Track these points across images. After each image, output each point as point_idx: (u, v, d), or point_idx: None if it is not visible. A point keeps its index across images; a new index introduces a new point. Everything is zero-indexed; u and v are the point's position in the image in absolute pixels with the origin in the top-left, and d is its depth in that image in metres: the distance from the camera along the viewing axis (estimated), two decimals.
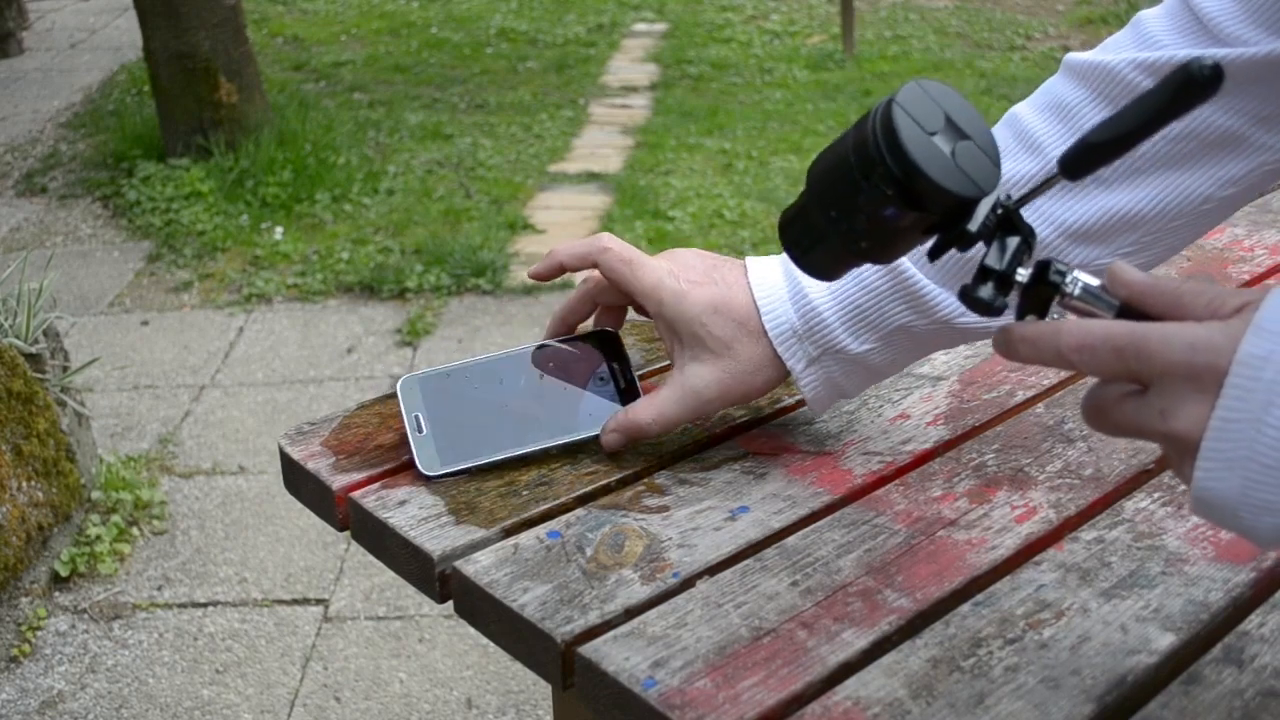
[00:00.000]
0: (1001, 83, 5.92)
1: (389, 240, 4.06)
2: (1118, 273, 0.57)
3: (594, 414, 0.84)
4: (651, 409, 0.81)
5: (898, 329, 0.79)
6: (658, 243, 3.95)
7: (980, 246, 0.60)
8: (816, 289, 0.79)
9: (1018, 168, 0.79)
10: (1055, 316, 0.59)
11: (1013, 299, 0.59)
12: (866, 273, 0.79)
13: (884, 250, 0.63)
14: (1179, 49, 0.76)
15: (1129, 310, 0.56)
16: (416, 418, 0.83)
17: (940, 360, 0.96)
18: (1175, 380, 0.52)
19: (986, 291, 0.58)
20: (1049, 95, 0.81)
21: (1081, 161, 0.57)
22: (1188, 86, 0.53)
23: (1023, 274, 0.59)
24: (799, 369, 0.80)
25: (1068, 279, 0.58)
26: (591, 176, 4.66)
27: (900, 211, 0.59)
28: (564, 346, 0.87)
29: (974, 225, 0.59)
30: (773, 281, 0.80)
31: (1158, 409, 0.53)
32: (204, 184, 4.31)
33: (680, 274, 0.81)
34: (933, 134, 0.59)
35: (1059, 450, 0.84)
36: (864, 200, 0.60)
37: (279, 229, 4.16)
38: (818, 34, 7.03)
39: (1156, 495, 0.79)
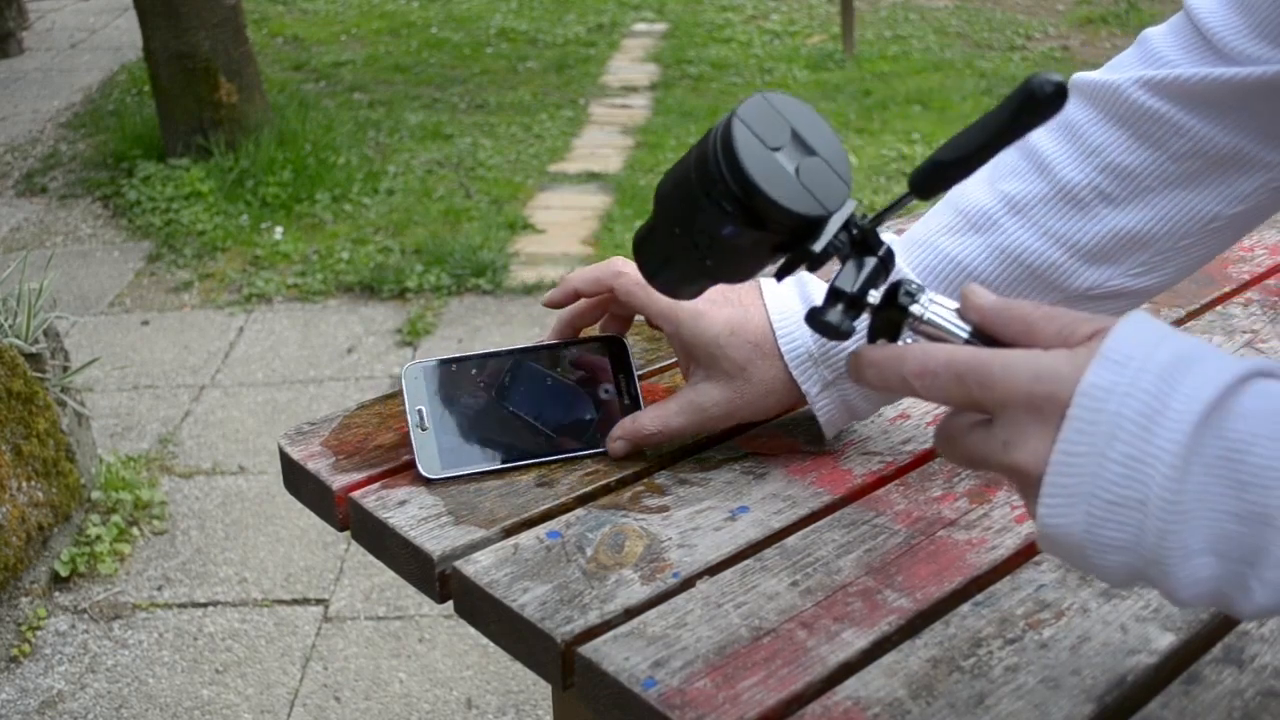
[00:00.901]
0: (1001, 83, 5.92)
1: (389, 240, 4.06)
2: (970, 296, 0.55)
3: (597, 430, 0.84)
4: (658, 419, 0.81)
5: None
6: None
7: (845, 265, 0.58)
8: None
9: (1027, 188, 0.78)
10: (909, 340, 0.57)
11: (865, 322, 0.58)
12: None
13: (731, 269, 0.61)
14: (1185, 66, 0.75)
15: (980, 336, 0.55)
16: (420, 412, 0.82)
17: None
18: (1017, 410, 0.50)
19: (834, 315, 0.56)
20: (1059, 121, 0.81)
21: (931, 179, 0.55)
22: (1030, 104, 0.52)
23: (875, 296, 0.57)
24: (814, 392, 0.80)
25: (917, 302, 0.56)
26: (591, 176, 4.66)
27: (740, 229, 0.57)
28: (571, 350, 0.87)
29: (818, 245, 0.57)
30: (788, 304, 0.80)
31: (1001, 440, 0.51)
32: (204, 184, 4.31)
33: None
34: (776, 150, 0.57)
35: None
36: (703, 219, 0.58)
37: (279, 229, 4.16)
38: (818, 34, 7.03)
39: None
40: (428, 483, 0.79)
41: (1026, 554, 0.73)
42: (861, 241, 0.58)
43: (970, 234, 0.78)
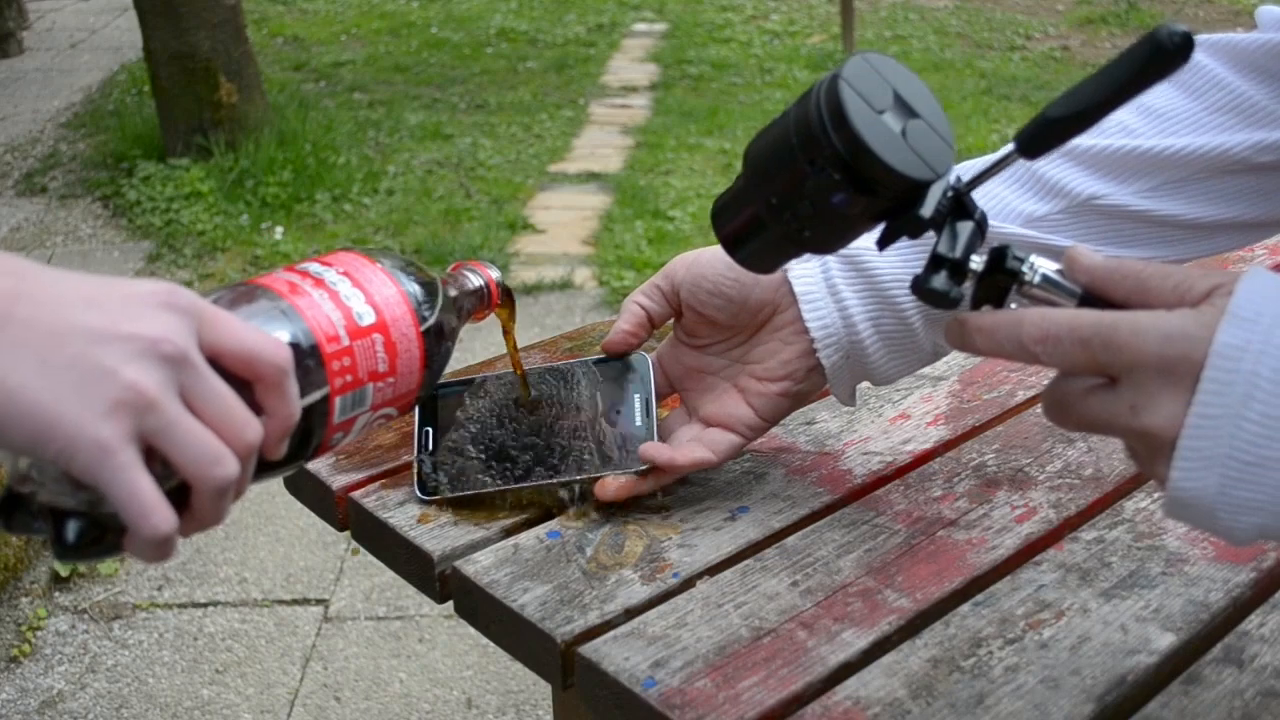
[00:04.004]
0: (1001, 83, 5.92)
1: (389, 240, 4.06)
2: (1077, 257, 0.54)
3: (606, 455, 0.79)
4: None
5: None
6: (657, 243, 3.95)
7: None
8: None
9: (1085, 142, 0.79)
10: (1012, 307, 0.55)
11: (968, 288, 0.56)
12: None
13: (828, 239, 0.59)
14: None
15: (1091, 297, 0.53)
16: (427, 433, 0.80)
17: (940, 360, 0.96)
18: (1147, 373, 0.49)
19: (940, 281, 0.54)
20: None
21: (1039, 138, 0.54)
22: (1158, 56, 0.50)
23: (977, 261, 0.55)
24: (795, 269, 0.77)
25: (1026, 265, 0.54)
26: (591, 176, 4.66)
27: (849, 198, 0.55)
28: (588, 369, 0.83)
29: (926, 210, 0.55)
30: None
31: (1128, 403, 0.50)
32: (204, 184, 4.31)
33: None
34: (881, 112, 0.54)
35: (1059, 450, 0.84)
36: (809, 186, 0.55)
37: (279, 229, 4.15)
38: (818, 34, 7.03)
39: (1156, 495, 0.79)
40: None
41: (1026, 554, 0.73)
42: (957, 205, 0.56)
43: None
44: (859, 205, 0.56)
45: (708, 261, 0.77)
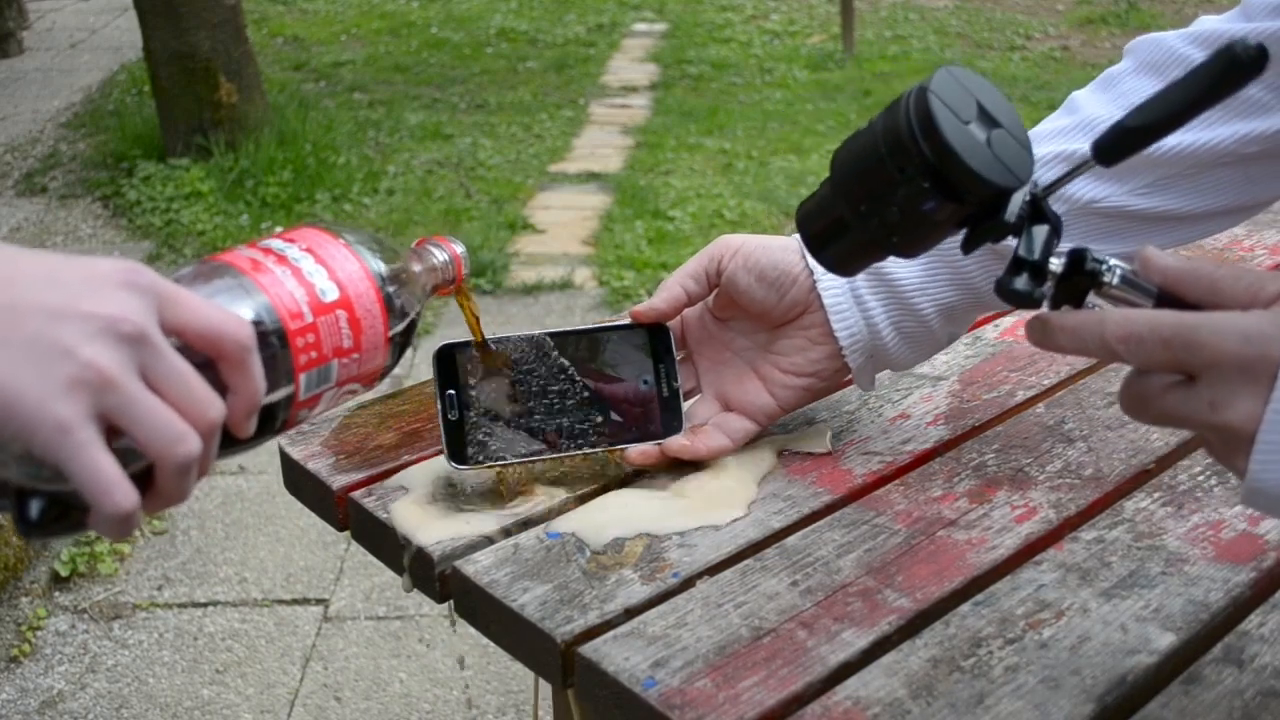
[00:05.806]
0: (1001, 83, 5.92)
1: (389, 240, 4.06)
2: (1151, 259, 0.56)
3: (631, 424, 0.80)
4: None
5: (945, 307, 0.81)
6: (657, 243, 3.95)
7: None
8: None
9: (1051, 125, 0.81)
10: (1091, 306, 0.58)
11: (1048, 288, 0.58)
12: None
13: (915, 243, 0.61)
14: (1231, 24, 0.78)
15: (1164, 296, 0.56)
16: (450, 396, 0.79)
17: (940, 360, 0.96)
18: (1226, 372, 0.51)
19: (1022, 283, 0.57)
20: (1103, 74, 0.84)
21: (1116, 146, 0.56)
22: (1233, 68, 0.52)
23: (1055, 263, 0.58)
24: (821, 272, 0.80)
25: (1105, 267, 0.57)
26: (591, 176, 4.66)
27: (938, 204, 0.58)
28: (611, 336, 0.82)
29: (1010, 215, 0.58)
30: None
31: (1207, 400, 0.52)
32: (204, 184, 4.31)
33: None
34: (967, 122, 0.57)
35: (1059, 450, 0.84)
36: (901, 193, 0.58)
37: (279, 229, 4.15)
38: (818, 34, 7.03)
39: (1156, 495, 0.79)
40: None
41: (1026, 554, 0.73)
42: (1034, 210, 0.58)
43: None
44: (945, 211, 0.58)
45: (753, 252, 0.80)
